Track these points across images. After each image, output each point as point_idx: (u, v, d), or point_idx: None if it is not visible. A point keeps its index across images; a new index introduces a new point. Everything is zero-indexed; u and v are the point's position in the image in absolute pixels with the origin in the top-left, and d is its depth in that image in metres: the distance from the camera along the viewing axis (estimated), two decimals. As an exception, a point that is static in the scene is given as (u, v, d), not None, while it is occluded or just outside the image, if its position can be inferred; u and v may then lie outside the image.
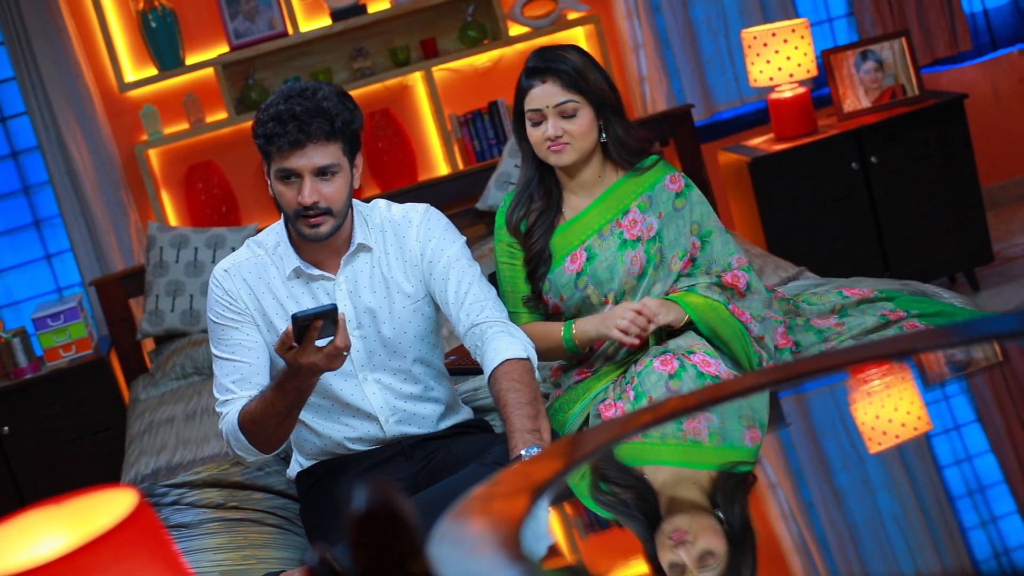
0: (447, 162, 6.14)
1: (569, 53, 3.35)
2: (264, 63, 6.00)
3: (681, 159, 5.90)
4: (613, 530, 2.00)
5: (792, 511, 1.87)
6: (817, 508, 1.84)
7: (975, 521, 1.73)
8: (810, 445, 2.03)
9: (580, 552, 1.92)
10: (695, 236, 3.41)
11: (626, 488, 1.96)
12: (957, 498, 1.79)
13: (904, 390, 2.06)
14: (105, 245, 5.86)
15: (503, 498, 1.36)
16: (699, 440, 1.97)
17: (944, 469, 1.88)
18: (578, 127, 3.33)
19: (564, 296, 3.43)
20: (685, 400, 1.74)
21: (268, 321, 3.23)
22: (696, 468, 2.01)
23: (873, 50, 5.77)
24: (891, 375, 2.06)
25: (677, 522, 1.90)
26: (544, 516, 1.50)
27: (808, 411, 2.07)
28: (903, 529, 1.73)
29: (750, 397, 1.95)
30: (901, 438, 1.98)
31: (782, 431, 2.03)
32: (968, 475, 1.84)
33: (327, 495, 3.29)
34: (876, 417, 2.02)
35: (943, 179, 5.70)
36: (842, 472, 1.92)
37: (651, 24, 6.20)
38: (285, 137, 3.05)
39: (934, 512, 1.77)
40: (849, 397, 2.07)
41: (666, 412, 1.65)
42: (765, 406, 2.01)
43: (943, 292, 3.75)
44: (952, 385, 2.06)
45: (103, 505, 1.41)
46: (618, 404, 3.21)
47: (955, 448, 1.92)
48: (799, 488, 1.93)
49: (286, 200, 3.13)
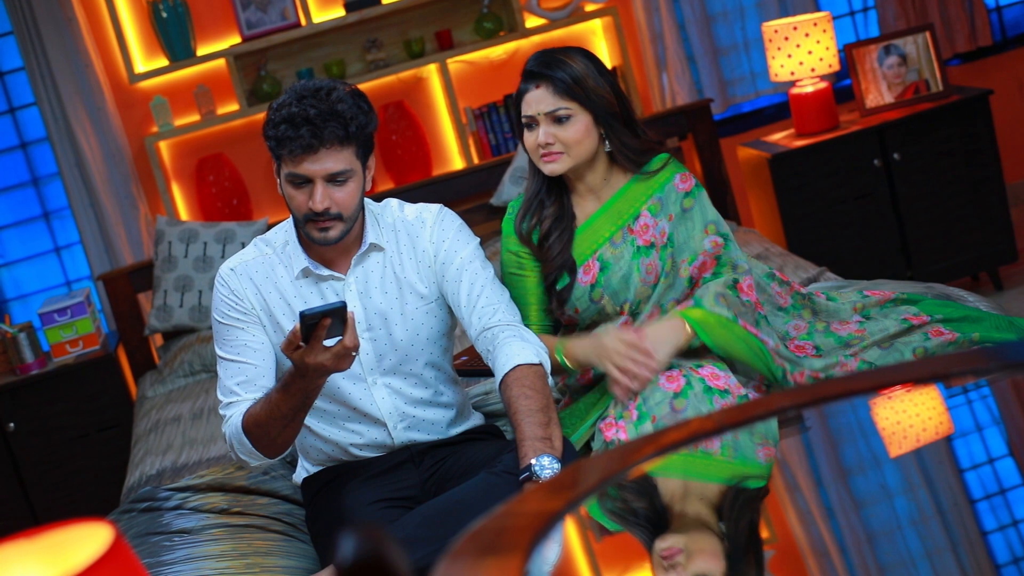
0: (462, 156, 6.08)
1: (572, 58, 3.23)
2: (276, 54, 5.94)
3: (700, 155, 5.83)
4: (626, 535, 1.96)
5: (812, 515, 1.84)
6: (836, 512, 1.82)
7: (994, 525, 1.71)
8: (828, 449, 1.99)
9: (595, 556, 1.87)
10: (715, 235, 3.29)
11: (636, 496, 1.89)
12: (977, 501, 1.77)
13: (924, 393, 2.03)
14: (114, 238, 5.82)
15: (497, 554, 1.28)
16: (710, 452, 1.90)
17: (964, 473, 1.86)
18: (571, 134, 3.22)
19: (579, 308, 3.34)
20: (703, 424, 1.67)
21: (275, 321, 3.16)
22: (706, 480, 1.94)
23: (896, 44, 5.69)
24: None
25: (672, 540, 1.85)
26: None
27: (826, 415, 2.03)
28: (921, 533, 1.71)
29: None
30: (921, 441, 1.96)
31: (802, 435, 2.00)
32: (987, 479, 1.82)
33: (333, 502, 3.22)
34: (897, 423, 1.99)
35: (967, 176, 5.62)
36: (860, 476, 1.90)
37: (670, 15, 6.13)
38: (297, 141, 2.97)
39: (953, 516, 1.75)
40: (869, 401, 2.03)
41: (669, 442, 1.58)
42: (775, 422, 1.94)
43: (968, 295, 3.67)
44: (972, 388, 2.02)
45: (78, 540, 1.35)
46: (620, 423, 3.12)
47: (974, 451, 1.90)
48: (818, 492, 1.91)
49: (296, 204, 3.05)
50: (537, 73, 3.23)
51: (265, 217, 5.78)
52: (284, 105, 3.01)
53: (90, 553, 1.29)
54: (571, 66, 3.21)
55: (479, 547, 1.39)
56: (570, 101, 3.21)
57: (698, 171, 5.85)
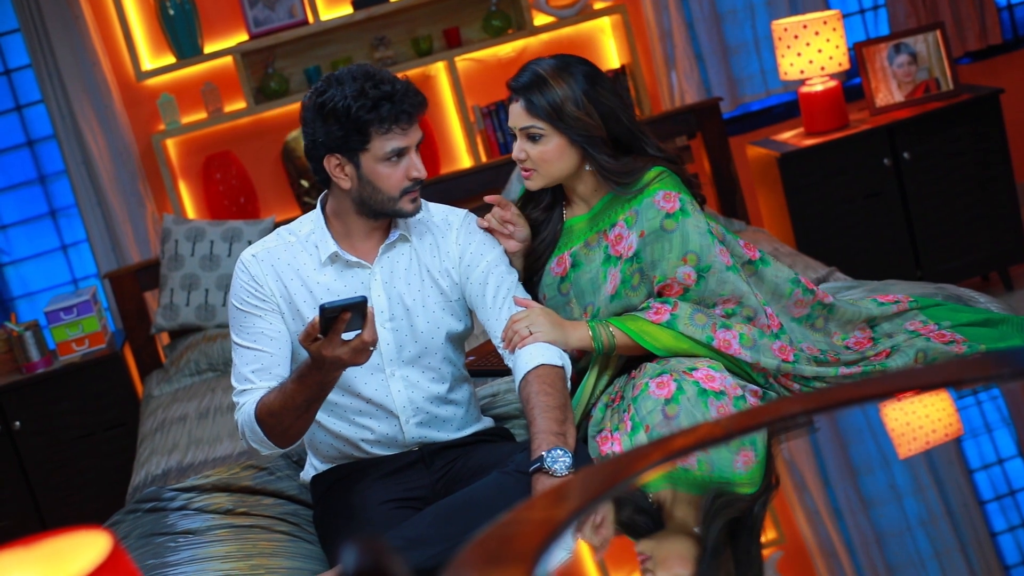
0: (470, 154, 6.06)
1: (558, 80, 3.18)
2: (284, 52, 5.92)
3: (709, 154, 5.81)
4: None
5: (820, 515, 1.84)
6: (844, 512, 1.81)
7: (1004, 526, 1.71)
8: (837, 449, 1.99)
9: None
10: (690, 267, 3.20)
11: (625, 503, 1.87)
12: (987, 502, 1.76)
13: (934, 393, 2.00)
14: (121, 236, 5.80)
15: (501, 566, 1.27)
16: (688, 468, 1.87)
17: (974, 473, 1.85)
18: (541, 153, 3.21)
19: (547, 295, 3.35)
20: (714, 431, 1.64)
21: (295, 309, 3.15)
22: (691, 492, 1.92)
23: (906, 43, 5.66)
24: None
25: (643, 546, 1.84)
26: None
27: (835, 415, 2.00)
28: (930, 533, 1.71)
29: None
30: (930, 442, 1.95)
31: (810, 435, 1.98)
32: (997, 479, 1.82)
33: (342, 501, 3.21)
34: (906, 424, 1.98)
35: (977, 176, 5.60)
36: (868, 476, 1.89)
37: (679, 13, 6.10)
38: (405, 115, 3.05)
39: (963, 517, 1.74)
40: (878, 403, 2.01)
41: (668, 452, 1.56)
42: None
43: (979, 297, 3.64)
44: (982, 389, 2.01)
45: (76, 548, 1.33)
46: (615, 436, 3.11)
47: (984, 452, 1.90)
48: (826, 492, 1.90)
49: (394, 181, 3.09)
50: (516, 89, 3.24)
51: (272, 215, 5.76)
52: (362, 91, 3.03)
53: (88, 562, 1.28)
54: (552, 91, 3.17)
55: (484, 556, 1.37)
56: (543, 122, 3.19)
57: (707, 170, 5.83)
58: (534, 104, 3.18)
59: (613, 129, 3.22)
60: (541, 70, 3.21)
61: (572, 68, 3.21)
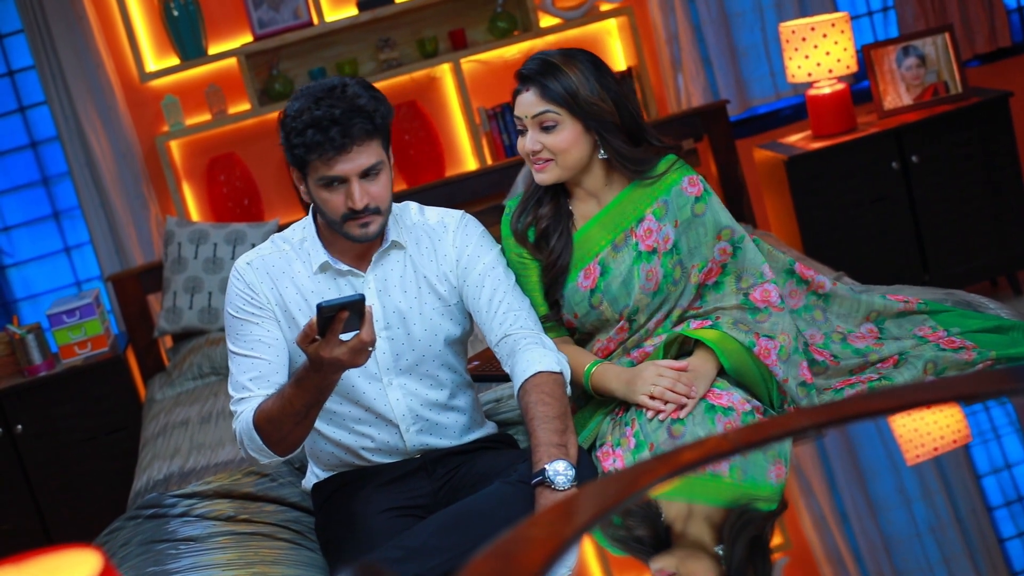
0: (475, 156, 6.04)
1: (569, 67, 3.16)
2: (288, 53, 5.90)
3: (715, 156, 5.78)
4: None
5: (827, 520, 1.83)
6: (851, 518, 1.81)
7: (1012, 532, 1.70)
8: (845, 455, 1.97)
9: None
10: (726, 242, 3.23)
11: (639, 522, 1.84)
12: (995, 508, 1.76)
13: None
14: (125, 238, 5.79)
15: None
16: (719, 474, 1.84)
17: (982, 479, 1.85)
18: (558, 142, 3.17)
19: (578, 313, 3.29)
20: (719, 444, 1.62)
21: (290, 316, 3.13)
22: (711, 504, 1.88)
23: (915, 45, 5.63)
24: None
25: (664, 563, 1.83)
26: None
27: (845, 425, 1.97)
28: (939, 539, 1.70)
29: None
30: (938, 448, 1.93)
31: (817, 441, 1.97)
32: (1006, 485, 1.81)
33: (344, 509, 3.19)
34: (915, 430, 1.97)
35: (986, 179, 5.58)
36: (877, 481, 1.88)
37: (686, 16, 6.08)
38: (329, 144, 2.94)
39: (971, 523, 1.73)
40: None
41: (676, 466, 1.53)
42: (789, 442, 1.91)
43: (989, 303, 3.61)
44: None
45: (66, 567, 1.30)
46: (617, 452, 3.08)
47: (992, 457, 1.89)
48: (833, 498, 1.89)
49: (332, 206, 3.02)
50: (528, 77, 3.19)
51: (276, 218, 5.75)
52: (303, 111, 2.97)
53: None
54: (565, 76, 3.15)
55: (487, 574, 1.34)
56: (557, 106, 3.16)
57: (713, 173, 5.80)
58: (549, 89, 3.15)
59: (623, 117, 3.20)
60: (550, 59, 3.19)
61: (579, 57, 3.21)
